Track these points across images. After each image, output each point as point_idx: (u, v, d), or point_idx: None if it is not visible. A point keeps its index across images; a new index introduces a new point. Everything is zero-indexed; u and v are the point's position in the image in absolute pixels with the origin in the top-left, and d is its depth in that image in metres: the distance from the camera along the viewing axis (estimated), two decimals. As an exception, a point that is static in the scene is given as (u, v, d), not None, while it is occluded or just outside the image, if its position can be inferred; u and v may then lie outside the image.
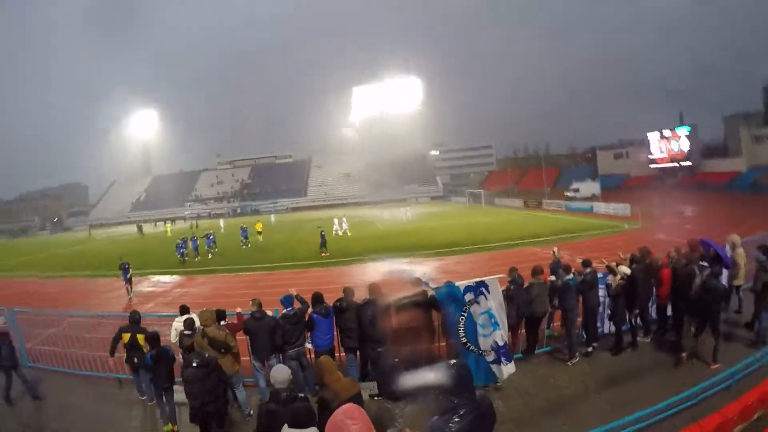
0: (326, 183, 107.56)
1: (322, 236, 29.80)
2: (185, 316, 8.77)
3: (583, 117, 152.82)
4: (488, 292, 8.26)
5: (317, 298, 9.04)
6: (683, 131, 71.73)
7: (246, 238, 37.13)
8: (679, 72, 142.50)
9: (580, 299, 10.21)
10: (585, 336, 10.57)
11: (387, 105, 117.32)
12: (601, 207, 48.01)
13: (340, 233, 39.25)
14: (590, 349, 10.28)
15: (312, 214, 74.83)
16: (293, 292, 9.13)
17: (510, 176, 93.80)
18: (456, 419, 3.06)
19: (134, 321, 9.03)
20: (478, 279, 8.39)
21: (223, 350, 7.97)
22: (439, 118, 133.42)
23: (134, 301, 19.69)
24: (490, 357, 8.11)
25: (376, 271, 19.54)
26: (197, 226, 60.33)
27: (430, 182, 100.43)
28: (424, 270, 9.33)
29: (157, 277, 25.90)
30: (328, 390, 5.39)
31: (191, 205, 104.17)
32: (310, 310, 9.00)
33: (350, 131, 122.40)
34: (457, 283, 8.26)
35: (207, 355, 7.32)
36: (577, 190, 66.75)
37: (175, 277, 25.69)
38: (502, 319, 8.38)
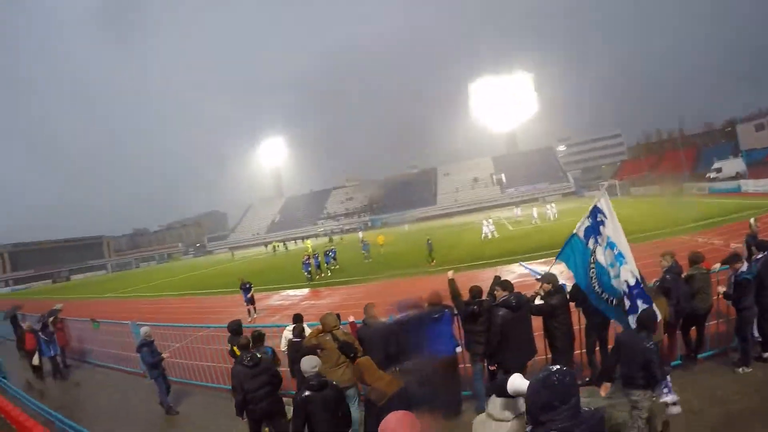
0: (454, 190, 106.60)
1: (429, 245, 28.97)
2: (294, 325, 8.67)
3: (717, 89, 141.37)
4: (605, 215, 6.83)
5: (435, 300, 7.82)
6: None
7: (367, 251, 36.66)
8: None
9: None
10: (761, 338, 8.16)
11: (507, 104, 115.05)
12: (749, 185, 44.79)
13: (489, 236, 36.87)
14: (767, 354, 8.06)
15: (442, 222, 74.36)
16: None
17: (644, 163, 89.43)
18: None
19: (232, 331, 8.99)
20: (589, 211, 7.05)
21: (352, 354, 7.38)
22: (561, 111, 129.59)
23: (257, 320, 19.84)
24: (626, 304, 6.28)
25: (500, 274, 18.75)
26: (331, 240, 62.96)
27: (560, 179, 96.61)
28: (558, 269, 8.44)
29: (286, 292, 26.37)
30: (373, 390, 5.55)
31: (323, 222, 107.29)
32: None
33: (473, 135, 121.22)
34: (574, 230, 7.35)
35: (260, 356, 7.23)
36: (719, 170, 60.98)
37: (303, 291, 25.95)
38: (621, 243, 6.53)
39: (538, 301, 7.65)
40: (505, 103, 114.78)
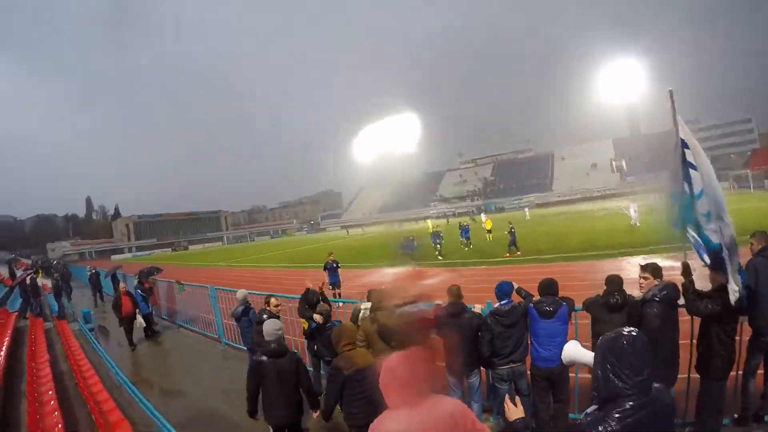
0: (572, 175, 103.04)
1: (512, 234, 27.49)
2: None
3: None
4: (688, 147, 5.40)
5: (547, 286, 6.13)
6: None
7: (467, 238, 33.74)
8: None
9: None
10: None
11: (627, 85, 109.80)
12: None
13: (637, 223, 32.79)
14: None
15: (558, 209, 72.53)
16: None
17: None
18: (617, 414, 2.30)
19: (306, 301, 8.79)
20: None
21: (393, 344, 5.24)
22: (689, 92, 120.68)
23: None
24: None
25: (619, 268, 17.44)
26: (447, 222, 63.77)
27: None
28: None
29: (384, 270, 26.09)
30: (341, 357, 5.04)
31: (436, 205, 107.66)
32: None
33: (592, 116, 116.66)
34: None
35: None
36: None
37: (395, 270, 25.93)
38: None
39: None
40: (627, 82, 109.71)
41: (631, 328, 2.48)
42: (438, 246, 29.95)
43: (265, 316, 7.85)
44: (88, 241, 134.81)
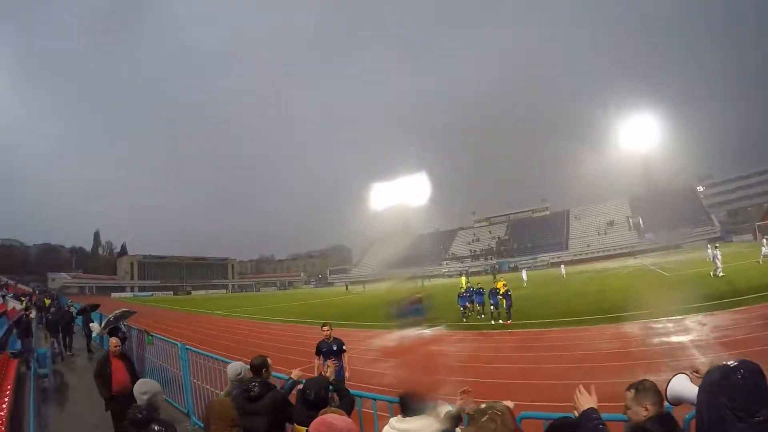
0: (588, 234, 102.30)
1: (506, 298, 23.70)
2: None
3: None
4: None
5: None
6: None
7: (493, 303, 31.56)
8: None
9: None
10: None
11: (641, 141, 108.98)
12: None
13: (720, 273, 29.51)
14: None
15: (576, 267, 70.26)
16: None
17: None
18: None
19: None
20: None
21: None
22: (700, 147, 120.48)
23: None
24: None
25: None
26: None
27: (704, 222, 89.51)
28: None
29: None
30: None
31: (448, 263, 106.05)
32: None
33: (607, 175, 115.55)
34: None
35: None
36: None
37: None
38: None
39: None
40: (641, 140, 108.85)
41: (742, 360, 2.23)
42: (466, 309, 26.61)
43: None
44: (91, 276, 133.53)
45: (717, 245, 36.33)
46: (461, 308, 26.44)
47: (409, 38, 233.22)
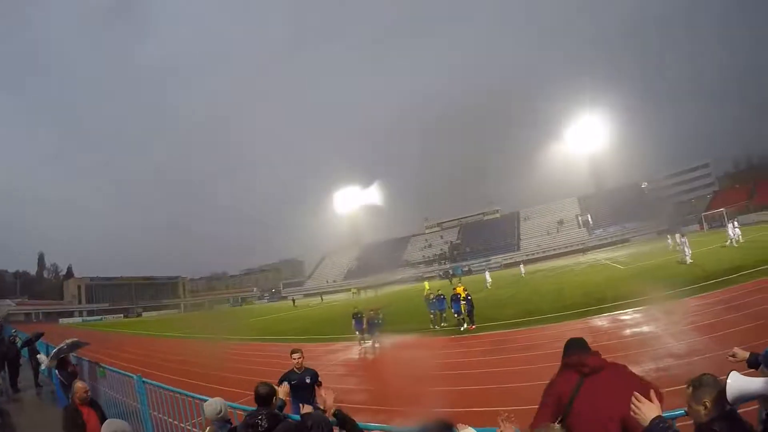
0: (539, 234, 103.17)
1: (469, 302, 22.57)
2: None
3: None
4: None
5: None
6: None
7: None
8: None
9: None
10: None
11: (586, 142, 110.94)
12: None
13: (689, 260, 29.68)
14: None
15: (529, 267, 69.94)
16: None
17: (738, 193, 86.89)
18: None
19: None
20: None
21: None
22: (644, 145, 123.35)
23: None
24: None
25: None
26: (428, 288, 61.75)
27: (651, 216, 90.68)
28: None
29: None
30: None
31: (402, 270, 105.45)
32: None
33: (555, 175, 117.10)
34: None
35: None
36: None
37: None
38: None
39: None
40: (587, 140, 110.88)
41: None
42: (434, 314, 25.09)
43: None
44: (37, 302, 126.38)
45: (684, 234, 38.67)
46: (431, 314, 25.11)
47: (356, 45, 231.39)
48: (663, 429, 2.63)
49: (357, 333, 22.54)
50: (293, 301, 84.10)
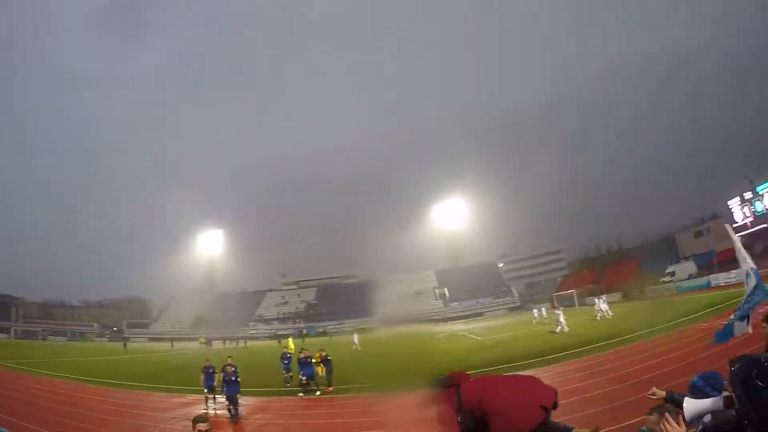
0: (394, 301, 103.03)
1: (327, 362, 22.41)
2: None
3: (648, 206, 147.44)
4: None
5: None
6: (765, 190, 67.61)
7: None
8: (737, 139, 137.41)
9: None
10: None
11: (448, 220, 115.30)
12: (720, 279, 49.79)
13: (565, 329, 33.52)
14: None
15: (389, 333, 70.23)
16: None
17: (586, 277, 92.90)
18: None
19: None
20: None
21: None
22: (501, 227, 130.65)
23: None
24: None
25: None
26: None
27: (505, 293, 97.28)
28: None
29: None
30: None
31: (255, 325, 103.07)
32: None
33: (415, 249, 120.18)
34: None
35: None
36: (673, 274, 68.63)
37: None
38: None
39: None
40: (447, 219, 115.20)
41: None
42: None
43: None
44: None
45: (560, 307, 44.49)
46: (289, 375, 23.56)
47: (219, 89, 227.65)
48: None
49: (205, 390, 19.35)
50: (124, 344, 74.47)
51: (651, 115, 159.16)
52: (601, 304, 39.89)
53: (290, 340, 42.23)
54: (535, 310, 45.94)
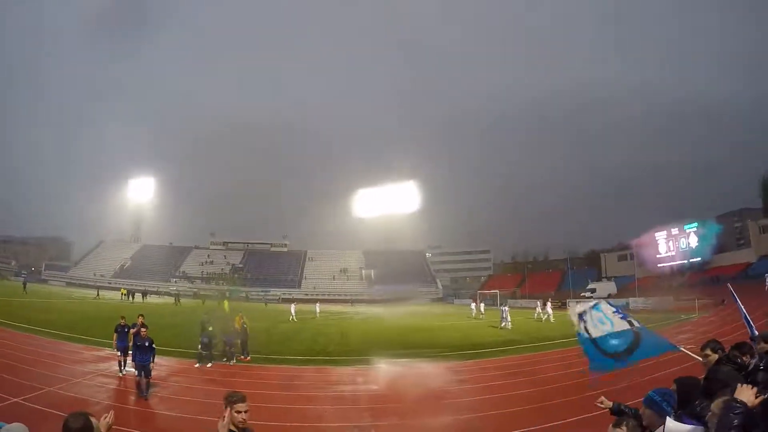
0: (321, 276, 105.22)
1: (244, 331, 21.32)
2: None
3: (578, 222, 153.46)
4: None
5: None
6: (692, 229, 76.46)
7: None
8: (670, 173, 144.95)
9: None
10: None
11: (385, 206, 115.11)
12: (638, 302, 53.35)
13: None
14: None
15: (306, 306, 69.89)
16: None
17: (510, 280, 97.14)
18: None
19: None
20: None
21: None
22: (436, 221, 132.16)
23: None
24: None
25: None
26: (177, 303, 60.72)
27: (430, 283, 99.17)
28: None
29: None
30: None
31: (177, 281, 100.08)
32: None
33: (347, 228, 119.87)
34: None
35: None
36: (593, 290, 69.42)
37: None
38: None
39: None
40: (384, 202, 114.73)
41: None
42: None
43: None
44: None
45: (507, 303, 47.71)
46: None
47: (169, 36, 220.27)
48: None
49: (118, 353, 16.47)
50: (24, 285, 63.85)
51: (591, 139, 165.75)
52: (548, 308, 42.97)
53: (226, 302, 41.59)
54: (473, 304, 48.51)
